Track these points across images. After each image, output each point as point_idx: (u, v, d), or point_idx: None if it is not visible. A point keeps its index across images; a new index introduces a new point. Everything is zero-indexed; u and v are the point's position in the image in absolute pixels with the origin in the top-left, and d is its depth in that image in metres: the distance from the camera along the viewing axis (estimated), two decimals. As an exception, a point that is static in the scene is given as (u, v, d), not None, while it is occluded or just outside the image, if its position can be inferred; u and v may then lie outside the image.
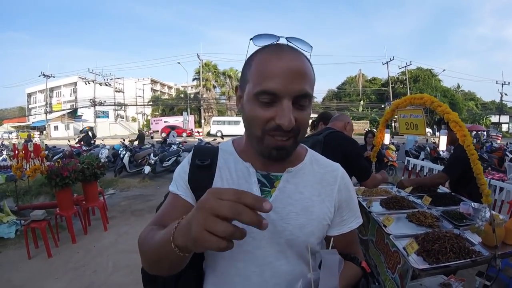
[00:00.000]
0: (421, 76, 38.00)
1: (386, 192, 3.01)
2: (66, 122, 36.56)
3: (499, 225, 1.76)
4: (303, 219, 0.76)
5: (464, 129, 2.00)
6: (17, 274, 3.28)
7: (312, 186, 0.80)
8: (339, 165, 0.90)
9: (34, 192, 5.98)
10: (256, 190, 0.76)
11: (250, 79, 0.68)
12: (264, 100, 0.65)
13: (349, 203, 0.86)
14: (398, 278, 1.89)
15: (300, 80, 0.65)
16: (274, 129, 0.66)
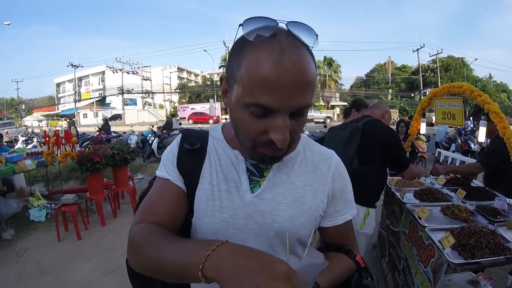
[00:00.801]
0: (452, 64, 36.53)
1: (420, 183, 2.92)
2: (95, 110, 37.81)
3: None
4: (293, 211, 0.71)
5: (505, 121, 1.93)
6: (46, 256, 3.37)
7: (304, 176, 0.75)
8: (333, 152, 0.83)
9: (64, 177, 6.20)
10: (244, 179, 0.71)
11: (240, 82, 0.56)
12: (256, 112, 0.56)
13: (343, 193, 0.80)
14: (431, 272, 1.85)
15: (302, 92, 0.55)
16: (267, 143, 0.59)
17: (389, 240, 2.86)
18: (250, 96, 0.54)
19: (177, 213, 0.72)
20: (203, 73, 59.34)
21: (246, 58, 0.54)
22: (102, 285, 2.86)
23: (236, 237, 0.68)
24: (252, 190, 0.71)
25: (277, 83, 0.52)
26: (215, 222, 0.70)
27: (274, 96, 0.53)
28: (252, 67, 0.53)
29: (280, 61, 0.51)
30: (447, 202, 2.39)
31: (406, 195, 2.59)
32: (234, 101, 0.59)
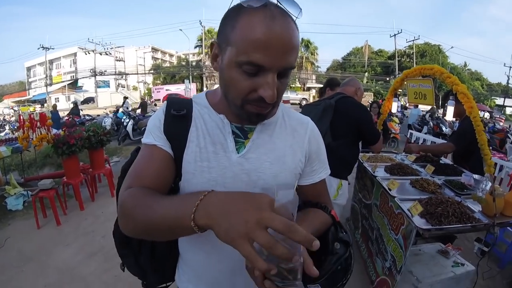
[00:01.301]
0: (428, 51, 37.36)
1: (390, 159, 3.06)
2: (67, 94, 36.20)
3: (499, 195, 1.81)
4: (276, 169, 0.78)
5: (472, 101, 2.03)
6: (28, 244, 3.31)
7: (284, 138, 0.82)
8: (309, 118, 0.91)
9: (39, 164, 6.02)
10: (230, 141, 0.76)
11: (234, 43, 0.62)
12: (248, 71, 0.62)
13: (318, 154, 0.89)
14: (402, 239, 1.98)
15: (289, 54, 0.62)
16: (256, 100, 0.65)
17: (362, 213, 3.00)
18: (244, 55, 0.60)
19: (165, 176, 0.75)
20: (178, 54, 57.92)
21: (241, 22, 0.60)
22: (86, 268, 2.86)
23: None
24: (237, 150, 0.76)
25: (269, 44, 0.58)
26: (203, 182, 0.74)
27: (266, 55, 0.59)
28: (246, 30, 0.59)
29: (272, 26, 0.58)
30: (416, 176, 2.52)
31: (377, 169, 2.71)
32: (227, 62, 0.64)
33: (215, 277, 0.83)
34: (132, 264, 0.92)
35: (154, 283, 0.98)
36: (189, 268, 0.88)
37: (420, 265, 2.19)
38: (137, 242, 0.87)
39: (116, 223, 0.89)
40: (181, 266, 0.92)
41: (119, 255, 0.93)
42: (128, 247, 0.89)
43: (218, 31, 0.69)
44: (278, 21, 0.59)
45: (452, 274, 2.12)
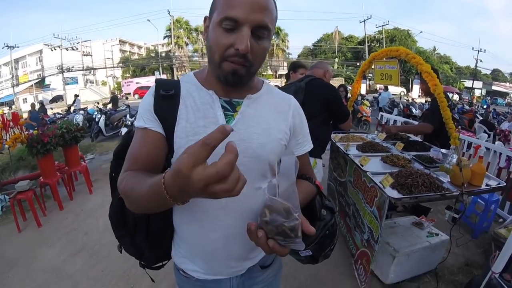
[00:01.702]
0: (398, 36, 38.07)
1: (362, 139, 3.18)
2: (35, 93, 34.53)
3: (466, 166, 1.95)
4: (263, 139, 0.84)
5: (435, 79, 2.15)
6: (9, 248, 3.25)
7: (269, 111, 0.88)
8: (291, 96, 0.98)
9: (13, 168, 5.80)
10: (220, 114, 0.82)
11: (217, 8, 0.73)
12: (226, 27, 0.71)
13: (302, 128, 0.96)
14: (376, 210, 2.10)
15: (261, 12, 0.70)
16: (232, 55, 0.72)
17: (338, 190, 3.12)
18: (223, 13, 0.70)
19: (158, 156, 0.81)
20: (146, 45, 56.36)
21: None
22: (71, 266, 2.85)
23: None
24: (228, 123, 0.82)
25: (243, 2, 0.69)
26: None
27: (239, 10, 0.69)
28: None
29: None
30: (386, 153, 2.65)
31: (350, 148, 2.82)
32: (211, 25, 0.75)
33: (210, 247, 0.87)
34: (128, 244, 0.96)
35: (151, 261, 1.03)
36: (184, 243, 0.93)
37: (396, 237, 2.35)
38: (132, 223, 0.91)
39: (111, 207, 0.95)
40: (177, 242, 0.95)
41: (115, 237, 0.97)
42: (124, 227, 0.93)
43: (210, 8, 0.79)
44: None
45: (428, 243, 2.30)
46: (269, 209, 0.63)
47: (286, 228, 0.60)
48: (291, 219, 0.60)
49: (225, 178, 0.48)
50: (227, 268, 0.91)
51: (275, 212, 0.61)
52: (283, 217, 0.61)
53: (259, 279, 1.01)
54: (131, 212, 0.84)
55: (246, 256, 0.92)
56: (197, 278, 0.94)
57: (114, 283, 2.57)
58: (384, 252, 2.27)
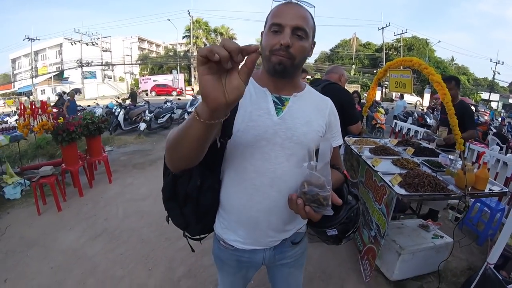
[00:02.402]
0: (415, 45, 37.45)
1: (374, 143, 3.32)
2: (53, 85, 35.24)
3: (470, 170, 2.09)
4: (305, 129, 1.02)
5: (445, 89, 2.28)
6: (29, 230, 3.35)
7: (311, 108, 1.07)
8: (329, 98, 1.17)
9: (30, 156, 6.04)
10: (271, 107, 1.00)
11: (268, 20, 0.97)
12: (273, 29, 0.93)
13: (336, 125, 1.15)
14: (384, 207, 2.25)
15: (298, 19, 0.92)
16: (278, 49, 0.92)
17: (350, 190, 3.25)
18: (270, 21, 0.95)
19: None
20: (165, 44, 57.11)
21: (273, 9, 0.97)
22: (90, 249, 2.97)
23: (266, 147, 0.99)
24: (277, 114, 1.01)
25: (285, 12, 0.93)
26: (251, 137, 0.98)
27: (282, 17, 0.92)
28: (274, 10, 0.96)
29: (288, 5, 0.95)
30: (397, 156, 2.79)
31: (363, 150, 2.96)
32: (264, 32, 0.98)
33: (254, 217, 1.04)
34: (177, 215, 1.11)
35: (195, 232, 1.18)
36: (229, 214, 1.08)
37: (403, 236, 2.48)
38: (183, 196, 1.04)
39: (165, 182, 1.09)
40: (221, 214, 1.11)
41: (165, 209, 1.12)
42: (175, 200, 1.07)
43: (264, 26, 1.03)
44: (292, 4, 0.95)
45: (432, 244, 2.43)
46: (307, 182, 0.80)
47: (320, 197, 0.79)
48: (324, 190, 0.78)
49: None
50: (266, 238, 1.09)
51: (312, 185, 0.79)
52: (318, 188, 0.79)
53: (288, 254, 1.19)
54: (183, 187, 1.01)
55: (282, 228, 1.10)
56: (235, 248, 1.11)
57: (133, 266, 2.69)
58: (390, 250, 2.40)
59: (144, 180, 4.92)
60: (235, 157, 1.02)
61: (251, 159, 1.00)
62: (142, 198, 4.16)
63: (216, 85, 0.60)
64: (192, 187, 1.02)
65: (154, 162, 5.97)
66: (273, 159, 1.00)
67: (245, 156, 1.00)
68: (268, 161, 1.00)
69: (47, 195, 3.98)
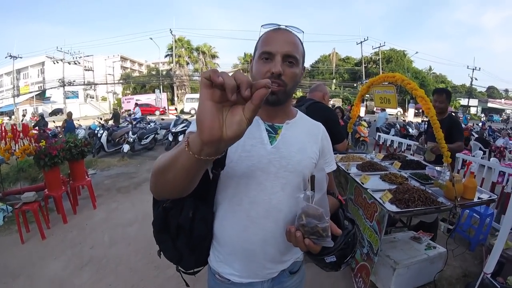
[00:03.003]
0: (394, 57, 38.55)
1: (361, 158, 3.34)
2: (35, 105, 34.63)
3: (458, 181, 2.13)
4: (300, 156, 1.01)
5: (429, 103, 2.34)
6: (13, 259, 3.23)
7: (303, 134, 1.07)
8: (320, 123, 1.18)
9: (12, 179, 5.87)
10: (265, 135, 1.00)
11: (258, 48, 0.97)
12: (264, 57, 0.93)
13: (329, 150, 1.15)
14: (376, 224, 2.25)
15: (288, 45, 0.93)
16: (269, 77, 0.89)
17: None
18: (261, 49, 0.94)
19: None
20: (147, 63, 57.02)
21: (262, 36, 0.98)
22: (78, 279, 2.84)
23: (261, 177, 0.97)
24: (271, 143, 1.00)
25: (275, 40, 0.93)
26: (244, 168, 0.96)
27: (272, 45, 0.92)
28: (264, 37, 0.97)
29: (277, 32, 0.96)
30: (385, 171, 2.82)
31: (350, 168, 2.97)
32: (254, 60, 0.99)
33: (250, 249, 1.00)
34: (169, 248, 1.06)
35: (189, 265, 1.13)
36: (224, 247, 1.04)
37: (396, 250, 2.48)
38: (175, 228, 1.01)
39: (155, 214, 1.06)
40: (215, 247, 1.07)
41: (156, 242, 1.08)
42: (166, 232, 1.03)
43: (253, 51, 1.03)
44: (281, 30, 0.97)
45: (426, 256, 2.44)
46: (305, 214, 0.79)
47: (320, 228, 0.77)
48: (323, 221, 0.77)
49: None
50: (263, 270, 1.05)
51: (311, 216, 0.78)
52: (317, 220, 0.77)
53: (286, 284, 1.14)
54: (175, 218, 0.98)
55: (280, 258, 1.07)
56: (232, 282, 1.06)
57: (123, 297, 2.56)
58: (385, 265, 2.39)
59: (129, 205, 4.80)
60: (228, 188, 0.99)
61: (246, 190, 0.98)
62: (128, 224, 4.04)
63: (215, 114, 0.52)
64: (184, 218, 0.98)
65: (138, 185, 5.85)
66: (268, 189, 0.98)
67: (239, 187, 0.97)
68: (263, 192, 0.98)
69: (30, 221, 3.84)
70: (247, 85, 0.51)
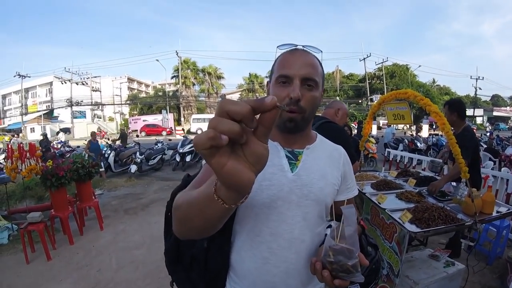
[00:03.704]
0: (397, 72, 38.67)
1: (375, 177, 3.29)
2: (43, 124, 35.23)
3: (477, 196, 2.07)
4: (321, 184, 0.94)
5: (443, 118, 2.29)
6: (17, 280, 3.19)
7: (324, 159, 1.00)
8: (340, 146, 1.12)
9: (18, 197, 5.88)
10: (285, 162, 0.93)
11: (275, 70, 0.91)
12: (281, 80, 0.88)
13: (350, 174, 1.08)
14: (396, 245, 2.17)
15: (307, 68, 0.87)
16: (288, 103, 0.84)
17: (354, 229, 3.16)
18: (278, 73, 0.89)
19: None
20: (154, 84, 58.02)
21: (279, 58, 0.92)
22: None
23: (282, 207, 0.90)
24: (291, 170, 0.93)
25: (291, 61, 0.88)
26: (264, 197, 0.89)
27: (290, 68, 0.87)
28: (281, 59, 0.91)
29: (294, 54, 0.90)
30: (400, 190, 2.75)
31: (364, 187, 2.91)
32: (271, 83, 0.93)
33: (271, 281, 0.92)
34: (183, 279, 1.02)
35: None
36: (242, 280, 0.96)
37: (415, 270, 2.38)
38: (189, 259, 0.97)
39: (168, 243, 1.01)
40: (233, 279, 0.98)
41: (169, 273, 1.03)
42: (180, 263, 0.99)
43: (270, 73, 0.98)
44: (299, 51, 0.91)
45: (445, 274, 2.33)
46: (333, 251, 0.74)
47: (349, 266, 0.72)
48: (353, 258, 0.73)
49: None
50: None
51: (339, 254, 0.74)
52: (346, 258, 0.73)
53: None
54: (188, 249, 0.92)
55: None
56: None
57: (131, 324, 2.47)
58: (403, 286, 2.29)
59: (137, 227, 4.72)
60: (247, 218, 0.93)
61: (267, 221, 0.91)
62: (135, 247, 3.95)
63: (241, 167, 0.44)
64: (199, 249, 0.95)
65: (146, 206, 5.80)
66: (290, 219, 0.91)
67: (259, 217, 0.91)
68: (284, 222, 0.91)
69: (35, 241, 3.78)
70: (250, 115, 0.41)
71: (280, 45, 0.95)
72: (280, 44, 0.95)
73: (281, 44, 0.95)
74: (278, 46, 0.95)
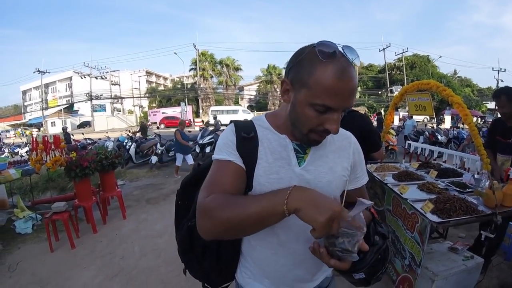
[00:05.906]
0: (417, 62, 37.80)
1: (396, 168, 3.28)
2: (63, 118, 36.27)
3: (498, 188, 2.06)
4: (330, 177, 0.94)
5: (466, 110, 2.24)
6: (41, 267, 3.26)
7: (333, 151, 0.99)
8: (350, 133, 1.08)
9: (41, 188, 6.05)
10: (292, 156, 0.92)
11: (311, 87, 0.78)
12: (319, 110, 0.79)
13: (360, 163, 1.06)
14: (418, 235, 2.18)
15: (351, 97, 0.80)
16: (321, 131, 0.83)
17: (375, 219, 3.17)
18: (319, 99, 0.78)
19: (239, 187, 0.88)
20: (172, 77, 58.56)
21: (318, 72, 0.77)
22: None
23: None
24: (299, 164, 0.93)
25: (339, 92, 0.77)
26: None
27: (336, 100, 0.78)
28: (323, 80, 0.76)
29: (342, 77, 0.76)
30: (422, 181, 2.74)
31: (386, 178, 2.91)
32: (301, 100, 0.82)
33: (280, 270, 0.98)
34: (195, 268, 1.07)
35: (216, 284, 1.12)
36: (253, 265, 1.02)
37: (434, 261, 2.38)
38: (201, 249, 1.01)
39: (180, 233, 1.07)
40: (243, 264, 1.05)
41: (182, 261, 1.09)
42: (192, 253, 1.03)
43: (289, 70, 0.86)
44: (346, 73, 0.76)
45: (464, 266, 2.32)
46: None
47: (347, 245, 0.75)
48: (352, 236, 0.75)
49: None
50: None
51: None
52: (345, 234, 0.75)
53: None
54: (200, 239, 0.91)
55: (310, 278, 1.03)
56: None
57: (155, 310, 2.51)
58: (423, 277, 2.30)
59: (158, 216, 4.83)
60: None
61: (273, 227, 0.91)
62: (158, 235, 4.04)
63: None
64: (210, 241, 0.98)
65: (167, 196, 5.90)
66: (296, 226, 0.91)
67: None
68: (291, 230, 0.93)
69: (59, 230, 3.92)
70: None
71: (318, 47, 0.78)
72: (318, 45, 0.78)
73: (320, 46, 0.78)
74: (315, 46, 0.78)
